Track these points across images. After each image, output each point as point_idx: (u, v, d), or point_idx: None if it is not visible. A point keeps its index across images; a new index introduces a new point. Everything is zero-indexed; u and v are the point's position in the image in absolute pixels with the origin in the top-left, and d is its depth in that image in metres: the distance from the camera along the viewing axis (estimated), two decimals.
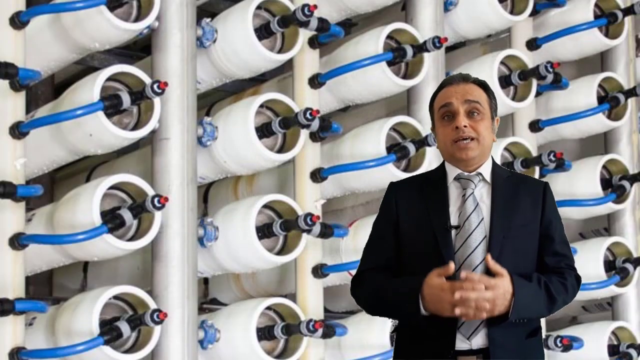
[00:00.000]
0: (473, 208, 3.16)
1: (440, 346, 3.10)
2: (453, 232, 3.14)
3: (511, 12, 5.88)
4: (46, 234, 4.85)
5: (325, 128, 5.23)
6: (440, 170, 3.28)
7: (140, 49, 6.68)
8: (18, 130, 4.70)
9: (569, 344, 5.73)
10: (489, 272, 3.09)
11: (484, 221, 3.15)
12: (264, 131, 5.12)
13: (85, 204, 4.65)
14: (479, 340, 3.12)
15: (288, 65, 5.54)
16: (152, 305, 4.67)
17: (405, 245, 3.22)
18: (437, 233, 3.14)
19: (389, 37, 5.43)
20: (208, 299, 6.19)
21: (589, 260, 5.94)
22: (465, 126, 3.17)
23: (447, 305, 3.02)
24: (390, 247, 3.25)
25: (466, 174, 3.22)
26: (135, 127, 4.83)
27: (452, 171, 3.24)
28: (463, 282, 3.02)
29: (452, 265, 3.04)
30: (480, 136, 3.19)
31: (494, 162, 3.28)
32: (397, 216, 3.25)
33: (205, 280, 6.13)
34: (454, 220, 3.16)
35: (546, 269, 3.20)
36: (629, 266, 6.01)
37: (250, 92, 5.95)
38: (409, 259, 3.21)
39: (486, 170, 3.24)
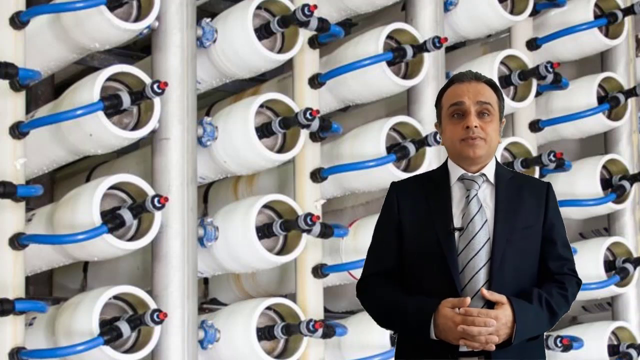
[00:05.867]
0: (477, 210, 3.14)
1: (443, 347, 3.08)
2: (456, 234, 3.13)
3: (511, 12, 5.88)
4: (46, 234, 4.85)
5: (325, 128, 5.23)
6: (443, 170, 3.25)
7: (140, 49, 6.67)
8: (18, 130, 4.70)
9: (569, 344, 5.73)
10: (491, 274, 3.08)
11: (487, 223, 3.14)
12: (264, 131, 5.12)
13: (85, 204, 4.65)
14: None
15: (288, 65, 5.54)
16: (152, 305, 4.67)
17: (407, 246, 3.20)
18: (440, 235, 3.13)
19: (389, 37, 5.42)
20: (208, 299, 6.19)
21: (589, 260, 5.94)
22: (476, 126, 3.14)
23: (458, 336, 3.03)
24: (393, 250, 3.23)
25: (470, 174, 3.20)
26: (135, 127, 4.83)
27: (455, 171, 3.22)
28: (474, 316, 3.02)
29: (467, 300, 3.04)
30: (488, 137, 3.17)
31: (497, 163, 3.26)
32: (399, 217, 3.23)
33: (205, 280, 6.13)
34: (457, 222, 3.14)
35: (548, 274, 3.19)
36: (629, 266, 6.01)
37: (250, 92, 5.95)
38: (411, 261, 3.20)
39: (490, 171, 3.22)
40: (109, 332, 4.52)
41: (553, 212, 3.23)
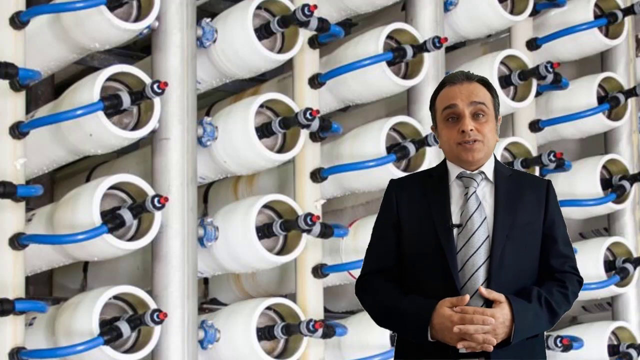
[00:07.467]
0: (475, 207, 3.14)
1: (443, 347, 3.07)
2: (455, 231, 3.12)
3: (511, 12, 5.88)
4: (46, 234, 4.85)
5: (325, 128, 5.23)
6: (442, 168, 3.25)
7: (140, 49, 6.68)
8: (18, 130, 4.70)
9: (569, 344, 5.73)
10: (490, 272, 3.07)
11: (486, 220, 3.13)
12: (264, 131, 5.12)
13: (85, 204, 4.65)
14: None
15: (288, 65, 5.54)
16: (152, 305, 4.67)
17: (406, 244, 3.19)
18: (439, 232, 3.12)
19: (389, 37, 5.43)
20: (208, 299, 6.19)
21: (589, 260, 5.94)
22: (471, 130, 3.14)
23: (455, 337, 3.01)
24: (392, 247, 3.22)
25: (468, 172, 3.19)
26: (135, 127, 4.83)
27: (454, 169, 3.21)
28: (470, 314, 3.00)
29: (466, 297, 3.02)
30: (485, 138, 3.17)
31: (496, 161, 3.25)
32: (398, 214, 3.22)
33: (205, 280, 6.13)
34: (456, 219, 3.13)
35: (549, 272, 3.17)
36: (629, 266, 6.01)
37: (250, 92, 5.95)
38: (410, 258, 3.19)
39: (489, 168, 3.22)
40: (109, 332, 4.52)
41: (554, 208, 3.22)
